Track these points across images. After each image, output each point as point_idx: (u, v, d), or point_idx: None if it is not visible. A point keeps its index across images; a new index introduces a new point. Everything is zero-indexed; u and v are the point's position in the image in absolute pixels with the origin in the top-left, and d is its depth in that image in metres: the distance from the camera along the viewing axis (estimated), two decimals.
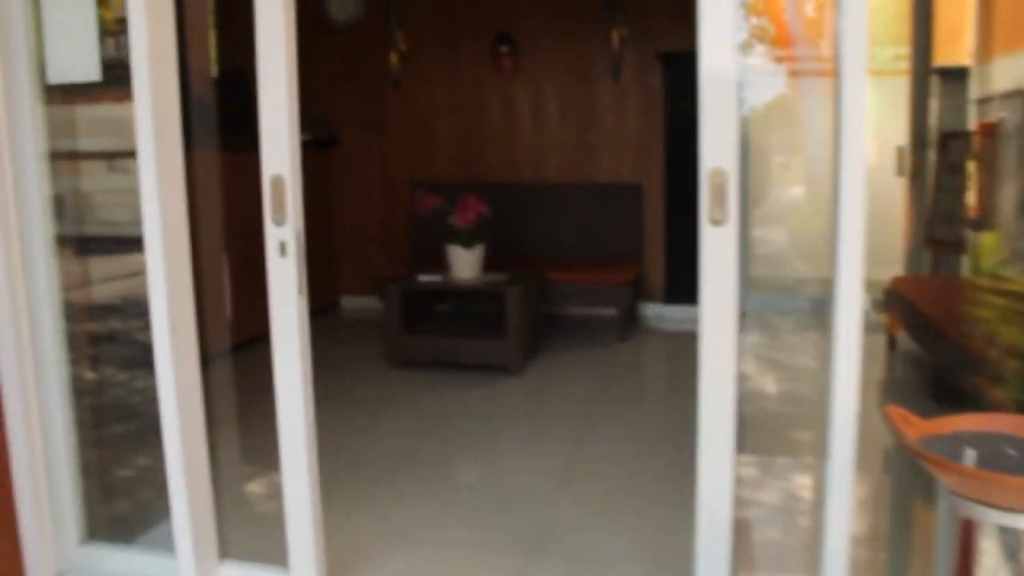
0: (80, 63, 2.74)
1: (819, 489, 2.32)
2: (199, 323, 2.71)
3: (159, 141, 2.49)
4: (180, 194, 2.61)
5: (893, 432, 1.99)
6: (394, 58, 7.06)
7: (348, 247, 7.38)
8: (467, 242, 5.26)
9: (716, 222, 2.16)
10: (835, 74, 2.10)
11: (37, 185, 2.72)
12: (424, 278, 5.40)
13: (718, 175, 2.13)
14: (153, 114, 2.46)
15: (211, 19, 6.11)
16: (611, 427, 4.35)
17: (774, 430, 4.30)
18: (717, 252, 2.18)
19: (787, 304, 6.42)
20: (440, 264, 5.41)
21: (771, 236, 6.82)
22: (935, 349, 4.43)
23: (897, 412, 2.01)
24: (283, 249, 2.50)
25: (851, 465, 2.19)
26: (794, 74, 6.47)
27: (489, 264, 5.39)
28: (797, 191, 6.97)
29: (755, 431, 4.10)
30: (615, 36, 6.54)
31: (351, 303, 7.39)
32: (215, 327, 5.22)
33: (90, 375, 3.11)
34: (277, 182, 2.46)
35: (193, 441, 2.67)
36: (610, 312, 6.13)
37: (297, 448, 2.57)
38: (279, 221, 2.48)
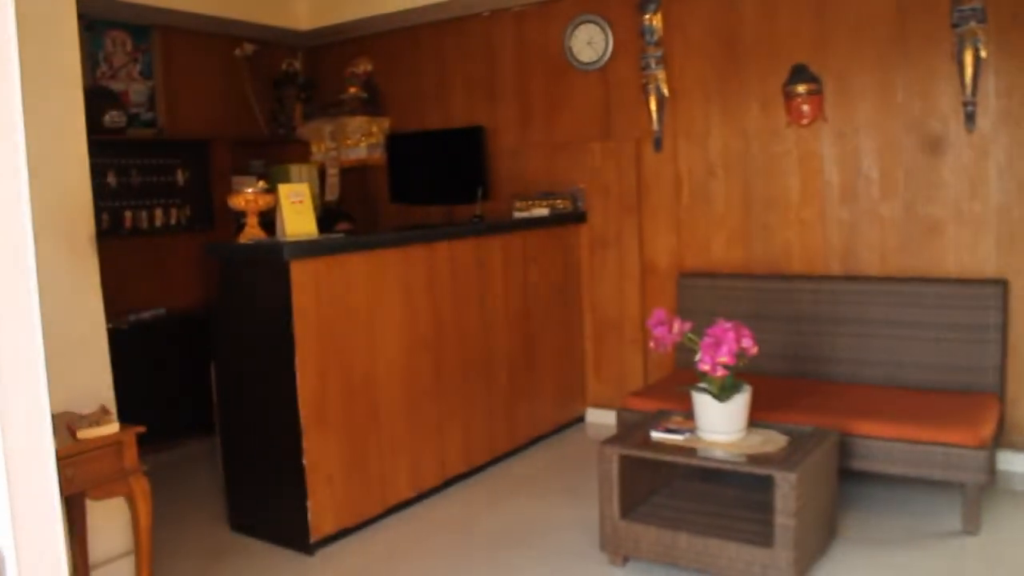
0: None
1: None
2: None
3: None
4: None
5: None
6: (653, 107, 5.41)
7: (597, 349, 5.81)
8: (721, 393, 3.50)
9: None
10: None
11: None
12: (659, 435, 3.70)
13: None
14: None
15: None
16: None
17: None
18: None
19: None
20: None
21: None
22: None
23: None
24: None
25: None
26: None
27: (761, 400, 3.59)
28: None
29: None
30: (967, 62, 4.44)
31: (597, 418, 5.81)
32: None
33: None
34: None
35: None
36: (952, 476, 4.03)
37: None
38: None
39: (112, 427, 2.97)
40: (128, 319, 5.52)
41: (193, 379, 5.39)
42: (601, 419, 5.77)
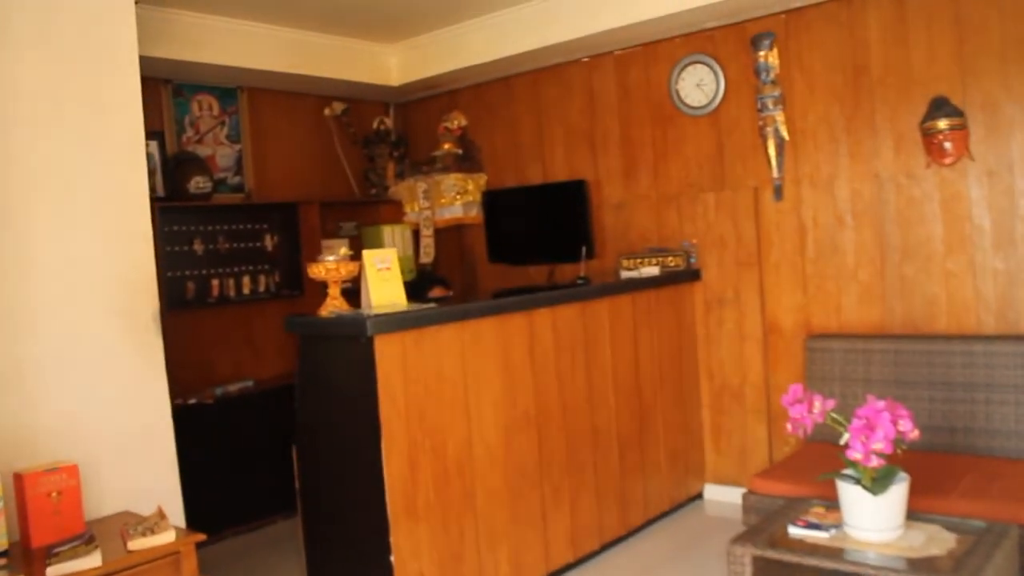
0: None
1: None
2: None
3: None
4: None
5: None
6: (772, 152, 4.91)
7: (715, 419, 5.27)
8: (874, 485, 2.95)
9: None
10: None
11: None
12: (799, 532, 3.16)
13: None
14: None
15: None
16: None
17: None
18: None
19: None
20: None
21: None
22: None
23: None
24: None
25: None
26: None
27: (912, 482, 3.02)
28: None
29: None
30: None
31: (718, 495, 5.25)
32: None
33: None
34: None
35: None
36: None
37: None
38: None
39: (167, 535, 2.61)
40: (214, 393, 5.25)
41: (280, 455, 5.05)
42: (722, 496, 5.21)
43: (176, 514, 3.36)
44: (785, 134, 4.89)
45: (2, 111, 3.02)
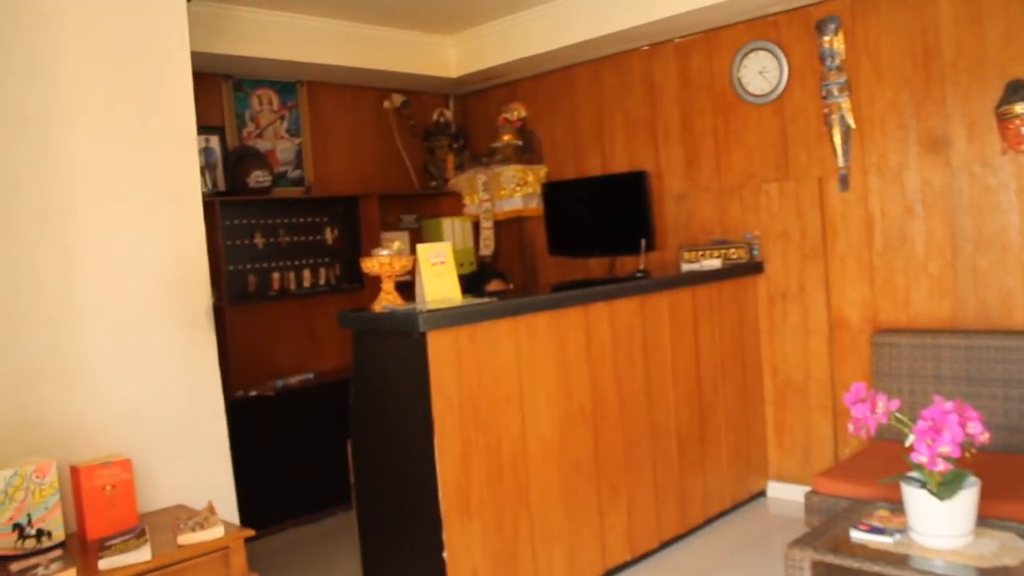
0: None
1: None
2: None
3: None
4: None
5: None
6: (837, 140, 4.76)
7: (779, 415, 5.14)
8: (941, 489, 2.83)
9: None
10: None
11: None
12: (861, 536, 3.05)
13: None
14: None
15: None
16: None
17: None
18: None
19: None
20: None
21: None
22: None
23: None
24: None
25: None
26: None
27: (983, 485, 2.90)
28: None
29: None
30: None
31: (781, 493, 5.13)
32: None
33: None
34: None
35: None
36: None
37: None
38: None
39: (216, 531, 2.62)
40: (275, 385, 5.29)
41: (340, 448, 5.08)
42: (785, 494, 5.09)
43: (229, 508, 3.38)
44: (851, 122, 4.73)
45: (52, 108, 3.06)
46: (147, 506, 3.15)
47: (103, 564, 2.51)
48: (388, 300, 3.68)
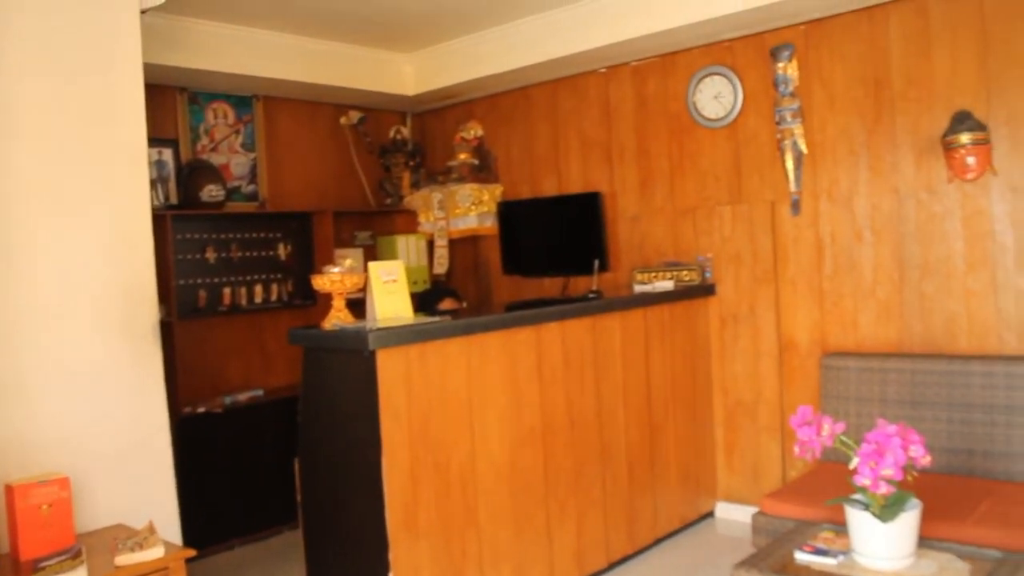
0: None
1: None
2: None
3: None
4: None
5: None
6: (790, 166, 4.83)
7: (728, 436, 5.18)
8: (884, 512, 2.86)
9: None
10: None
11: None
12: (805, 557, 3.07)
13: None
14: None
15: None
16: None
17: None
18: None
19: None
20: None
21: None
22: None
23: None
24: None
25: None
26: None
27: (926, 506, 2.93)
28: None
29: None
30: None
31: (729, 514, 5.15)
32: None
33: None
34: None
35: None
36: None
37: None
38: None
39: (156, 551, 2.57)
40: (224, 402, 5.22)
41: (288, 465, 5.03)
42: (733, 515, 5.12)
43: (171, 528, 3.31)
44: (803, 147, 4.80)
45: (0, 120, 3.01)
46: (86, 526, 3.09)
47: None
48: (339, 317, 3.65)
